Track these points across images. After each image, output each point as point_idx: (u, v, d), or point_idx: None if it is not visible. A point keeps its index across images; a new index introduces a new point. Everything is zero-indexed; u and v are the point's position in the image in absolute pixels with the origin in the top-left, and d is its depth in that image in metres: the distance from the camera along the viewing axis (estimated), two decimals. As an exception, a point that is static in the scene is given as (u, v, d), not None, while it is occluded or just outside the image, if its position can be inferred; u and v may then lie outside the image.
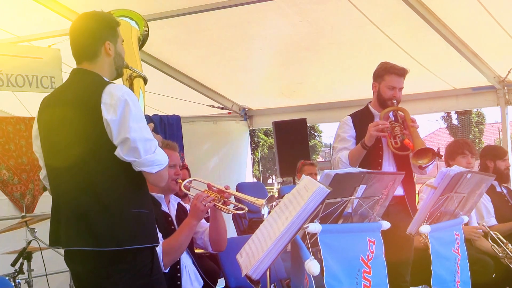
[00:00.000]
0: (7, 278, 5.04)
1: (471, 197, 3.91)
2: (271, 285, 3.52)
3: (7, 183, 6.48)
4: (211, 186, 3.92)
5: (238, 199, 4.15)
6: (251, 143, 10.40)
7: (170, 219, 3.97)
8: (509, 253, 4.96)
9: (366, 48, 7.11)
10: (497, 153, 5.78)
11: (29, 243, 5.25)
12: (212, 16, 6.60)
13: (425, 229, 3.48)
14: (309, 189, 2.69)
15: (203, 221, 4.04)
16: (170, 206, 4.08)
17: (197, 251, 4.29)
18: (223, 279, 4.83)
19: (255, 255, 2.73)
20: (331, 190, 2.67)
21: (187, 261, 4.01)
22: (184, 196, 4.76)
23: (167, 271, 3.70)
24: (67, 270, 5.48)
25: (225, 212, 3.91)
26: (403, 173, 3.47)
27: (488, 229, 5.10)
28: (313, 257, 2.66)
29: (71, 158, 2.96)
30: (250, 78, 8.63)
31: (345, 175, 2.98)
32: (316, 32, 7.01)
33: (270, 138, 38.18)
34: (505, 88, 7.63)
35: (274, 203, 3.61)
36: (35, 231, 5.25)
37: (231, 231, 7.15)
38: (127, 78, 3.69)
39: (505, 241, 5.03)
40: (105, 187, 2.93)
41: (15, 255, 5.23)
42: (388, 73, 4.52)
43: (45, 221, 5.53)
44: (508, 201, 5.63)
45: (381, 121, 4.40)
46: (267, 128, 26.17)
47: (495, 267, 5.05)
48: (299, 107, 9.28)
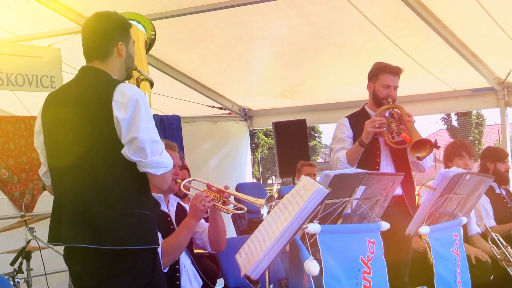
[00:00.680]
0: (6, 277, 5.03)
1: (470, 198, 3.91)
2: (270, 285, 3.52)
3: (7, 182, 6.48)
4: (211, 186, 3.92)
5: (237, 199, 4.15)
6: (251, 143, 10.39)
7: (169, 219, 3.97)
8: (508, 255, 4.95)
9: (366, 49, 7.11)
10: (498, 155, 5.79)
11: (29, 242, 5.24)
12: (212, 16, 6.61)
13: (425, 230, 3.48)
14: (308, 190, 2.68)
15: (203, 221, 4.04)
16: (169, 206, 4.07)
17: (196, 251, 4.29)
18: (222, 279, 4.84)
19: (254, 255, 2.73)
20: (330, 190, 2.67)
21: (186, 261, 4.01)
22: (184, 196, 4.76)
23: (166, 271, 3.70)
24: (66, 269, 5.44)
25: (224, 212, 3.91)
26: (403, 174, 3.46)
27: (490, 231, 5.10)
28: (313, 257, 2.66)
29: (77, 155, 2.95)
30: (250, 78, 8.63)
31: (345, 175, 2.98)
32: (316, 33, 7.02)
33: (270, 138, 38.17)
34: (505, 89, 7.65)
35: (273, 203, 3.61)
36: (34, 230, 5.24)
37: (231, 232, 7.15)
38: (135, 80, 3.69)
39: (505, 243, 5.03)
40: (110, 186, 2.91)
41: (14, 254, 5.22)
42: (382, 72, 4.53)
43: (45, 221, 5.54)
44: (507, 203, 5.63)
45: (377, 118, 4.42)
46: (267, 128, 26.20)
47: (493, 269, 5.05)
48: (299, 107, 9.29)
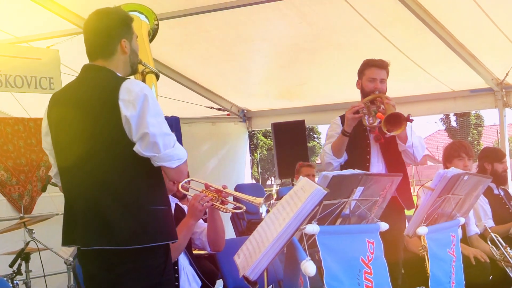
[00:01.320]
0: (5, 279, 5.04)
1: (468, 199, 3.92)
2: (268, 286, 3.53)
3: (5, 184, 6.47)
4: (209, 186, 3.92)
5: (236, 199, 4.15)
6: (249, 144, 10.38)
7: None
8: (507, 256, 4.95)
9: (364, 50, 7.10)
10: (495, 155, 5.78)
11: (27, 244, 5.24)
12: (211, 17, 6.61)
13: (423, 230, 3.49)
14: (306, 191, 2.69)
15: (201, 221, 4.04)
16: (168, 206, 4.07)
17: (195, 252, 4.30)
18: (221, 280, 4.84)
19: (253, 256, 2.73)
20: (328, 191, 2.67)
21: (184, 262, 4.01)
22: (183, 197, 4.77)
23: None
24: (65, 271, 5.51)
25: (223, 211, 3.91)
26: (401, 175, 3.47)
27: (490, 231, 5.10)
28: (309, 258, 2.66)
29: (86, 156, 2.92)
30: (249, 79, 8.63)
31: (343, 176, 2.98)
32: (315, 34, 7.02)
33: (269, 139, 38.17)
34: (503, 90, 7.65)
35: (272, 202, 3.61)
36: (33, 232, 5.24)
37: (230, 232, 7.15)
38: (140, 74, 3.65)
39: (504, 244, 5.03)
40: (123, 185, 2.89)
41: (13, 256, 5.23)
42: (367, 67, 4.58)
43: (43, 222, 5.55)
44: (505, 203, 5.63)
45: (356, 104, 4.45)
46: (266, 129, 26.21)
47: (492, 269, 5.05)
48: (298, 108, 9.28)
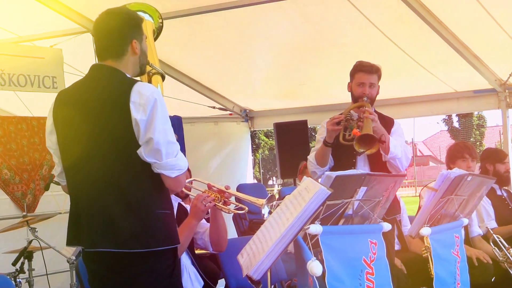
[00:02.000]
0: (8, 277, 5.04)
1: (471, 199, 3.92)
2: (271, 286, 3.53)
3: (8, 183, 6.48)
4: (211, 186, 3.92)
5: (238, 199, 4.15)
6: (251, 144, 10.38)
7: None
8: (510, 257, 4.94)
9: (367, 50, 7.10)
10: (497, 156, 5.77)
11: (30, 242, 5.24)
12: (213, 17, 6.61)
13: (426, 231, 3.49)
14: (310, 191, 2.69)
15: (203, 221, 4.05)
16: (170, 206, 4.08)
17: (197, 251, 4.30)
18: (223, 279, 4.84)
19: (256, 255, 2.73)
20: (332, 191, 2.67)
21: (186, 262, 4.02)
22: (185, 197, 4.76)
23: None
24: (68, 269, 5.50)
25: (225, 212, 3.92)
26: (405, 175, 3.47)
27: (492, 232, 5.09)
28: (315, 258, 2.67)
29: (94, 156, 2.90)
30: (251, 79, 8.63)
31: (346, 177, 2.98)
32: (318, 34, 7.02)
33: (270, 139, 38.20)
34: (506, 91, 7.63)
35: (274, 203, 3.61)
36: (36, 230, 5.24)
37: (232, 232, 7.15)
38: (146, 74, 3.64)
39: (507, 245, 5.02)
40: (130, 188, 2.87)
41: (16, 255, 5.23)
42: (357, 71, 4.47)
43: (46, 221, 5.55)
44: (508, 204, 5.62)
45: (337, 115, 4.35)
46: (268, 129, 26.20)
47: (495, 270, 5.05)
48: (300, 108, 9.28)
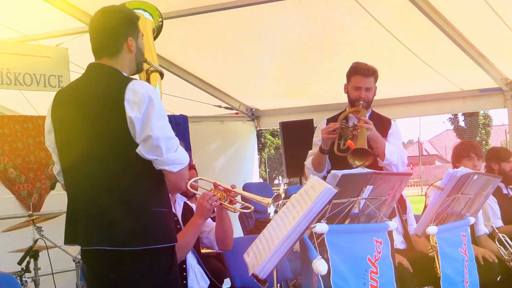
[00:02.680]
0: (14, 276, 5.05)
1: (478, 198, 3.91)
2: (277, 284, 3.52)
3: (14, 182, 6.49)
4: (217, 185, 3.92)
5: (244, 198, 4.15)
6: (257, 143, 10.38)
7: (176, 218, 3.97)
8: (516, 256, 4.93)
9: (373, 49, 7.09)
10: (501, 155, 5.75)
11: (36, 241, 5.25)
12: (219, 16, 6.61)
13: (432, 230, 3.48)
14: (316, 189, 2.69)
15: (209, 220, 4.04)
16: (176, 205, 4.08)
17: (203, 251, 4.30)
18: (229, 279, 4.84)
19: (262, 254, 2.73)
20: (338, 190, 2.67)
21: (192, 261, 4.02)
22: (192, 196, 4.76)
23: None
24: (73, 269, 5.52)
25: (231, 211, 3.91)
26: (411, 174, 3.46)
27: (497, 231, 5.08)
28: (320, 257, 2.67)
29: (90, 154, 2.92)
30: (257, 78, 8.63)
31: (352, 175, 2.98)
32: (323, 32, 7.01)
33: (276, 138, 38.19)
34: (512, 90, 7.63)
35: (280, 202, 3.61)
36: (42, 229, 5.25)
37: (238, 231, 7.15)
38: (144, 72, 3.64)
39: (512, 244, 5.02)
40: (127, 186, 2.88)
41: (22, 254, 5.24)
42: (353, 74, 4.48)
43: (52, 220, 5.56)
44: (514, 203, 5.61)
45: (332, 124, 4.32)
46: (273, 128, 26.20)
47: (500, 269, 5.03)
48: (306, 107, 9.26)
